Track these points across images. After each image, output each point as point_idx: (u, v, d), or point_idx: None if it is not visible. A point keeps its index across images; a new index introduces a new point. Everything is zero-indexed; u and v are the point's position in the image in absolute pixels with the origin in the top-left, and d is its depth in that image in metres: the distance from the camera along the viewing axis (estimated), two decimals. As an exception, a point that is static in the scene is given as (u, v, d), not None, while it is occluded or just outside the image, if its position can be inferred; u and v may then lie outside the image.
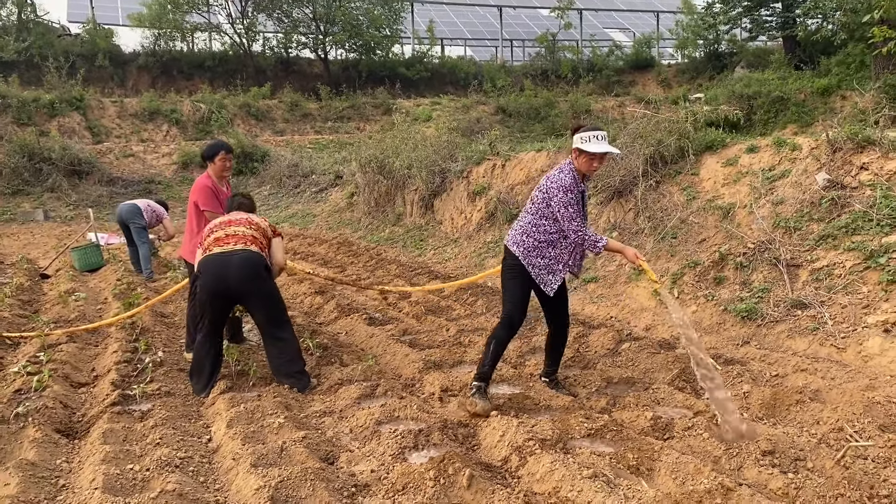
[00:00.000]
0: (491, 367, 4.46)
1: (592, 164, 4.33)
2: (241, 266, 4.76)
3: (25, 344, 6.44)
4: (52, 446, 4.03)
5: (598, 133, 4.28)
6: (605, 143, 4.27)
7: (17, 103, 20.56)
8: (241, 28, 27.80)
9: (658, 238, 6.92)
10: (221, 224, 5.06)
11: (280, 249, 5.22)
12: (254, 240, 4.95)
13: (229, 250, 4.81)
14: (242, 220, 5.10)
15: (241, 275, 4.76)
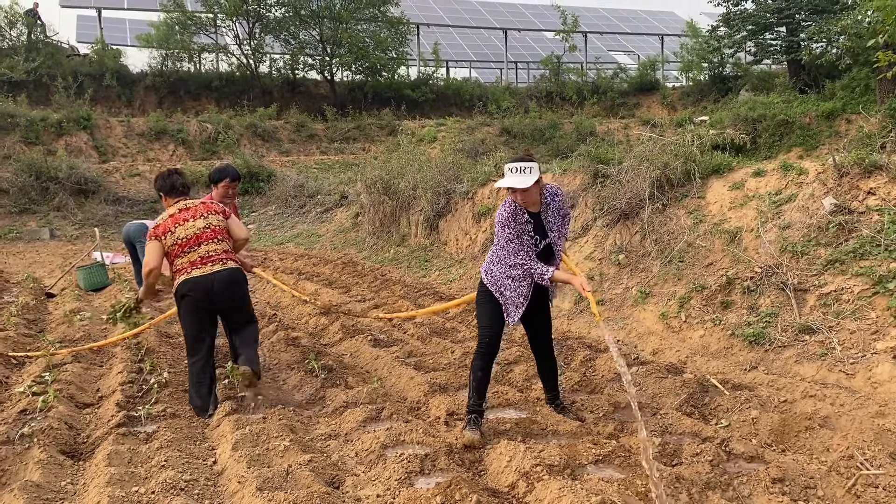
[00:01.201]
0: (476, 398, 4.41)
1: (516, 196, 4.24)
2: (222, 284, 5.04)
3: (31, 363, 6.43)
4: (57, 468, 4.01)
5: (513, 165, 4.20)
6: (515, 177, 4.16)
7: (24, 122, 20.69)
8: (249, 49, 28.02)
9: (665, 261, 6.91)
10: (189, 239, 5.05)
11: (238, 227, 5.43)
12: (226, 254, 5.16)
13: (208, 272, 5.02)
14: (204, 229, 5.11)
15: (226, 293, 5.08)
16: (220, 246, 5.14)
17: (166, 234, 5.07)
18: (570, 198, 9.08)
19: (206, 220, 5.16)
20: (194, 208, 5.21)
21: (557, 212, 4.43)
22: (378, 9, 29.00)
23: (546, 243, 4.37)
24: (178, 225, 5.09)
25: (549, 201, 4.38)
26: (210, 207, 5.29)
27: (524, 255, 4.30)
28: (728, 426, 4.40)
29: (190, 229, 5.09)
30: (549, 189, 4.43)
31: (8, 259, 14.34)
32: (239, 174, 6.27)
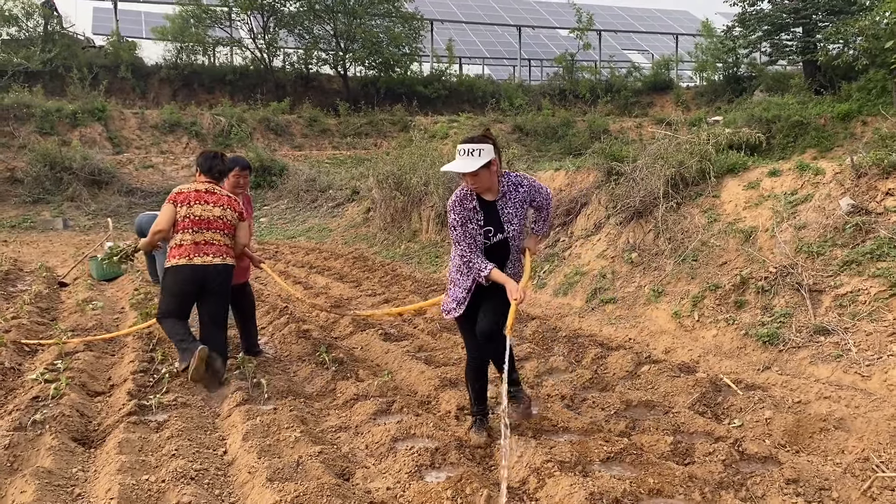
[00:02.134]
0: (478, 404, 4.27)
1: (466, 180, 3.87)
2: (217, 276, 5.30)
3: (43, 351, 6.46)
4: (69, 454, 4.02)
5: (462, 147, 3.81)
6: (462, 159, 3.78)
7: (40, 113, 20.85)
8: (263, 43, 28.08)
9: (679, 260, 6.87)
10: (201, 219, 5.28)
11: (245, 232, 5.61)
12: (227, 248, 5.41)
13: (208, 262, 5.26)
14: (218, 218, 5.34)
15: (215, 284, 5.31)
16: (225, 240, 5.40)
17: (184, 204, 5.30)
18: (582, 195, 9.05)
19: (223, 211, 5.42)
20: (219, 196, 5.46)
21: (520, 204, 4.00)
22: (392, 4, 29.04)
23: (501, 238, 3.98)
24: (197, 202, 5.33)
25: (506, 190, 3.96)
26: (232, 203, 5.53)
27: (465, 246, 3.91)
28: (741, 426, 4.36)
29: (207, 212, 5.33)
30: (512, 177, 4.03)
31: (22, 248, 14.44)
32: (249, 164, 6.26)
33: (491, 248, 3.98)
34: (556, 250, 8.76)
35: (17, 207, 17.49)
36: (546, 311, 7.59)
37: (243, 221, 5.59)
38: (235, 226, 5.51)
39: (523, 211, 4.03)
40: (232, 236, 5.48)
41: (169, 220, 5.25)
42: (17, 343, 6.50)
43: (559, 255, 8.59)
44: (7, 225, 16.65)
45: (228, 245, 5.43)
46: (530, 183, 4.08)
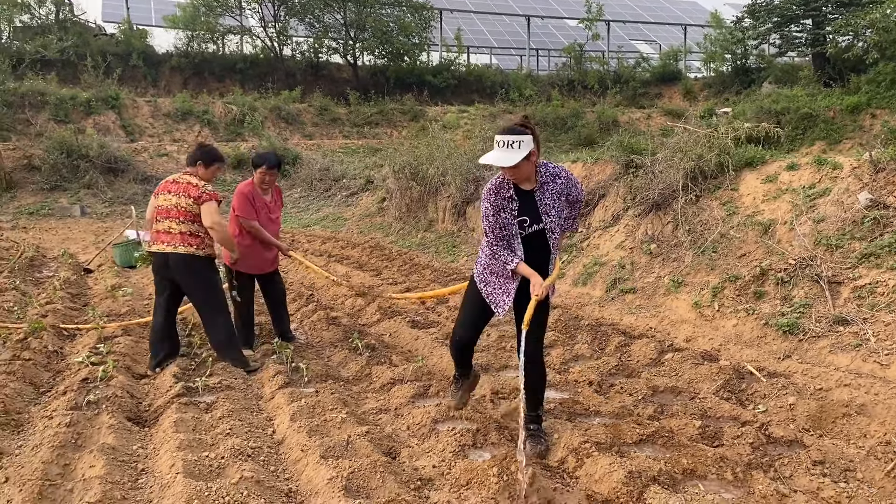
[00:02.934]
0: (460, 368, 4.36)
1: (505, 170, 3.79)
2: (175, 266, 5.47)
3: (81, 336, 6.68)
4: (126, 433, 4.23)
5: (500, 138, 3.71)
6: (501, 151, 3.69)
7: (55, 101, 21.02)
8: (273, 32, 28.18)
9: (698, 251, 7.04)
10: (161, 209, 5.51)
11: (207, 214, 5.41)
12: (182, 237, 5.44)
13: (163, 251, 5.47)
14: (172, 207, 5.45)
15: (178, 273, 5.49)
16: (181, 227, 5.44)
17: (156, 195, 5.64)
18: (600, 187, 9.22)
19: (178, 199, 5.46)
20: (179, 184, 5.51)
21: (558, 195, 3.89)
22: (402, -7, 29.11)
23: (538, 228, 3.87)
24: (163, 192, 5.57)
25: (544, 180, 3.87)
26: (187, 188, 5.45)
27: (494, 238, 3.85)
28: (766, 411, 4.55)
29: (166, 201, 5.50)
30: (550, 168, 3.93)
31: (42, 235, 14.66)
32: (278, 161, 6.34)
33: (527, 238, 3.89)
34: (574, 241, 8.93)
35: (34, 194, 17.70)
36: (566, 301, 7.77)
37: (202, 205, 5.42)
38: (194, 212, 5.43)
39: (560, 203, 3.92)
40: (191, 222, 5.44)
41: (151, 211, 5.67)
42: (57, 328, 6.72)
43: (577, 246, 8.77)
44: (26, 212, 16.87)
45: (186, 233, 5.44)
46: (567, 175, 3.98)
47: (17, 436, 4.33)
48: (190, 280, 5.52)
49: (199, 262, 5.51)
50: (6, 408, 4.61)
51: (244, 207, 6.04)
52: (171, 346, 5.70)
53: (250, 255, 6.08)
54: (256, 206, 6.08)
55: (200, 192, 5.46)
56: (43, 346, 6.05)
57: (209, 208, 5.44)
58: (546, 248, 3.95)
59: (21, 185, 17.93)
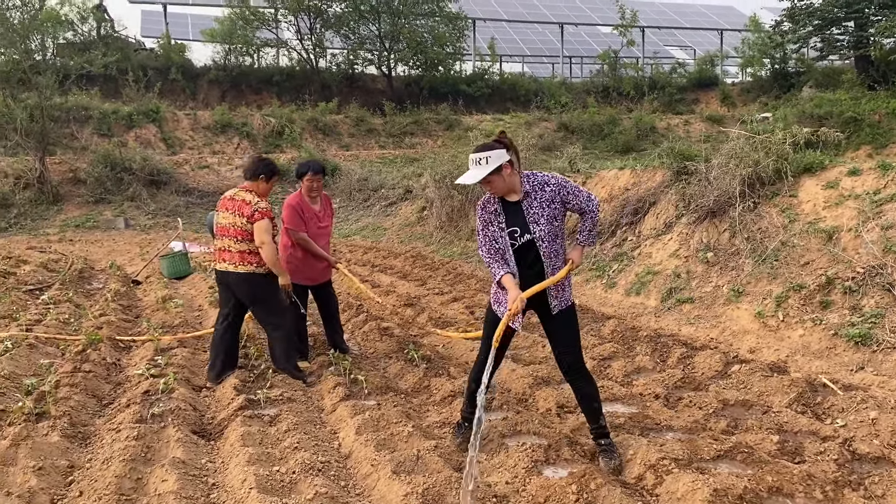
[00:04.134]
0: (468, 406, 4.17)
1: (483, 186, 3.85)
2: (236, 284, 5.53)
3: (137, 347, 6.72)
4: (193, 446, 4.21)
5: (472, 156, 3.80)
6: (472, 169, 3.79)
7: (98, 115, 21.44)
8: (309, 44, 28.44)
9: (758, 260, 6.86)
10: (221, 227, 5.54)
11: (259, 234, 5.39)
12: (241, 255, 5.45)
13: (224, 269, 5.52)
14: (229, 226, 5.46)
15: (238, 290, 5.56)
16: (238, 246, 5.45)
17: (217, 212, 5.64)
18: (650, 194, 9.07)
19: (234, 218, 5.47)
20: (234, 202, 5.50)
21: (547, 203, 3.84)
22: (436, 4, 29.16)
23: (529, 238, 3.84)
24: (222, 210, 5.59)
25: (529, 189, 3.85)
26: (241, 207, 5.44)
27: (486, 250, 3.91)
28: (845, 426, 4.37)
29: (223, 219, 5.55)
30: (538, 177, 3.91)
31: (88, 247, 14.89)
32: (322, 167, 6.32)
33: (519, 250, 3.87)
34: (624, 249, 8.80)
35: (80, 207, 18.02)
36: (619, 311, 7.63)
37: (254, 224, 5.40)
38: (248, 230, 5.41)
39: (551, 210, 3.84)
40: (248, 241, 5.43)
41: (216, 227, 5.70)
42: (113, 339, 6.77)
43: (628, 255, 8.63)
44: (72, 224, 17.17)
45: (244, 251, 5.44)
46: (559, 182, 3.90)
47: (86, 448, 4.34)
48: (250, 297, 5.57)
49: (258, 279, 5.51)
50: (72, 420, 4.63)
51: (293, 219, 6.01)
52: (231, 359, 5.70)
53: (303, 267, 6.06)
54: (306, 216, 6.06)
55: (252, 210, 5.44)
56: (101, 358, 6.09)
57: (261, 227, 5.44)
58: (539, 258, 3.88)
59: (67, 198, 18.27)
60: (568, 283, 4.02)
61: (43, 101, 18.09)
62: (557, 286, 3.93)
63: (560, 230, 3.93)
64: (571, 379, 4.02)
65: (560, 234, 3.93)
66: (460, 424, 4.31)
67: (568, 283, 4.02)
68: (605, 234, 9.26)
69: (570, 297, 4.02)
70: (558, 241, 3.92)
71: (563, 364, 4.01)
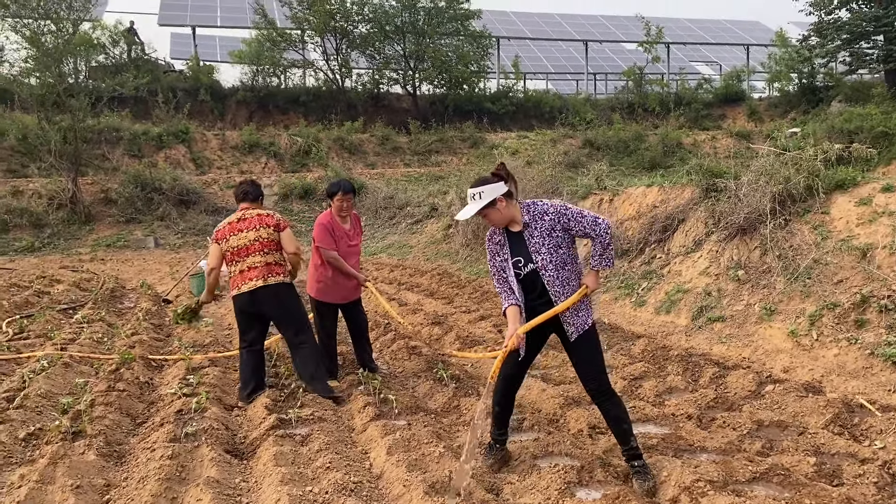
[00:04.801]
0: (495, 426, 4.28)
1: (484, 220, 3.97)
2: (266, 298, 5.51)
3: (169, 366, 6.79)
4: (227, 465, 4.24)
5: (468, 191, 3.90)
6: (468, 205, 3.90)
7: (128, 136, 21.84)
8: (336, 65, 28.78)
9: (791, 278, 6.78)
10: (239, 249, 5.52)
11: (288, 240, 5.63)
12: (269, 268, 5.52)
13: (253, 287, 5.49)
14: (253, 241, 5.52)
15: (269, 305, 5.55)
16: (265, 259, 5.52)
17: (222, 240, 5.60)
18: (678, 211, 9.01)
19: (256, 233, 5.54)
20: (250, 219, 5.59)
21: (547, 233, 3.88)
22: (461, 23, 29.37)
23: (532, 268, 3.89)
24: (233, 234, 5.57)
25: (529, 220, 3.90)
26: (263, 220, 5.59)
27: (496, 281, 4.04)
28: (884, 448, 4.29)
29: (241, 240, 5.53)
30: (538, 206, 3.94)
31: (119, 266, 15.11)
32: (352, 187, 6.41)
33: (524, 279, 3.94)
34: (653, 267, 8.74)
35: (111, 227, 18.32)
36: (649, 330, 7.57)
37: (283, 231, 5.62)
38: (276, 239, 5.58)
39: (553, 240, 3.88)
40: (275, 251, 5.57)
41: (217, 258, 5.63)
42: (145, 358, 6.85)
43: (657, 273, 8.56)
44: (103, 244, 17.46)
45: (272, 262, 5.54)
46: (557, 210, 3.90)
47: (121, 467, 4.39)
48: (281, 310, 5.61)
49: (289, 290, 5.65)
50: (108, 439, 4.69)
51: (324, 238, 6.08)
52: (260, 379, 5.75)
53: (333, 286, 6.11)
54: (336, 235, 6.12)
55: (277, 219, 5.64)
56: (135, 377, 6.18)
57: (290, 233, 5.66)
58: (544, 287, 3.93)
59: (98, 218, 18.58)
60: (585, 307, 4.02)
61: (76, 123, 18.46)
62: (571, 311, 3.94)
63: (569, 256, 3.95)
64: (598, 402, 4.02)
65: (570, 260, 3.95)
66: (492, 445, 4.32)
67: (584, 306, 4.02)
68: (634, 252, 9.22)
69: (587, 321, 4.01)
70: (567, 267, 3.93)
71: (588, 388, 4.03)
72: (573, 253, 3.99)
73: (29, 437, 4.74)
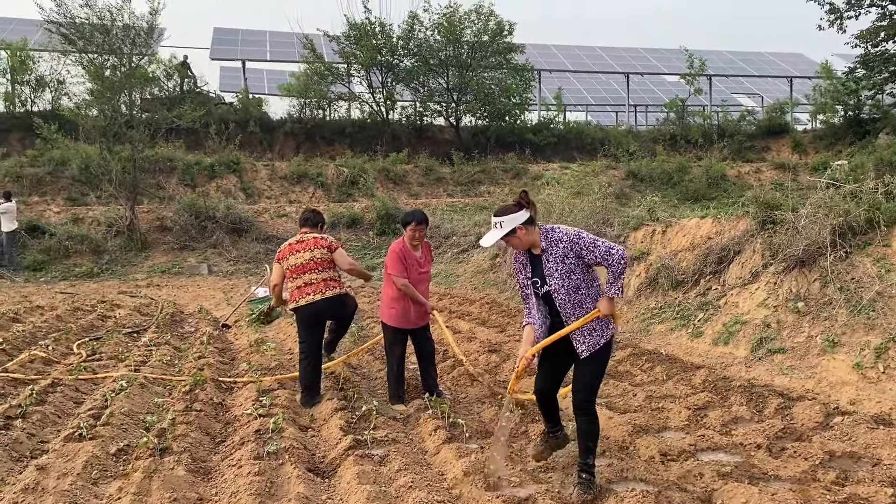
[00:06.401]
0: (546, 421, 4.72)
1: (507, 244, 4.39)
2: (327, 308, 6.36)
3: (239, 389, 7.02)
4: (311, 483, 4.41)
5: (492, 219, 4.29)
6: (491, 232, 4.26)
7: (182, 166, 22.54)
8: (381, 98, 29.37)
9: (854, 310, 6.78)
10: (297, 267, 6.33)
11: (341, 258, 6.45)
12: (326, 283, 6.31)
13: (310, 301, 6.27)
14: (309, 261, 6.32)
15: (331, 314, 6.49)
16: (321, 276, 6.31)
17: (283, 259, 6.44)
18: (734, 243, 9.04)
19: (311, 253, 6.35)
20: (306, 242, 6.42)
21: (561, 259, 4.18)
22: (503, 56, 29.80)
23: (546, 290, 4.24)
24: (292, 254, 6.40)
25: (546, 246, 4.23)
26: (318, 242, 6.40)
27: (522, 297, 4.47)
28: (962, 481, 4.29)
29: (299, 259, 6.34)
30: (555, 233, 4.24)
31: (174, 292, 15.55)
32: (425, 217, 6.62)
33: (544, 298, 4.31)
34: (709, 298, 8.77)
35: (166, 254, 18.87)
36: (707, 360, 7.59)
37: (335, 252, 6.39)
38: (329, 259, 6.34)
39: (566, 266, 4.19)
40: (329, 269, 6.35)
41: (279, 275, 6.53)
42: (216, 380, 7.10)
43: (713, 304, 8.59)
44: (158, 270, 17.98)
45: (328, 279, 6.32)
46: (570, 239, 4.20)
47: (208, 482, 4.59)
48: (343, 315, 6.55)
49: (347, 299, 6.54)
50: (193, 456, 4.90)
51: (395, 265, 6.29)
52: (318, 387, 6.47)
53: (405, 312, 6.30)
54: (407, 262, 6.33)
55: (329, 242, 6.46)
56: (209, 398, 6.41)
57: (341, 252, 6.49)
58: (556, 308, 4.28)
59: (154, 245, 19.16)
60: (601, 327, 4.28)
61: (136, 154, 19.15)
62: (583, 332, 4.24)
63: (584, 281, 4.24)
64: (576, 415, 4.35)
65: (585, 284, 4.24)
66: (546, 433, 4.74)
67: (601, 326, 4.27)
68: (689, 283, 9.26)
69: (600, 342, 4.29)
70: (581, 291, 4.23)
71: (574, 399, 4.37)
72: (589, 277, 4.28)
73: (119, 453, 4.98)
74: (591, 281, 4.29)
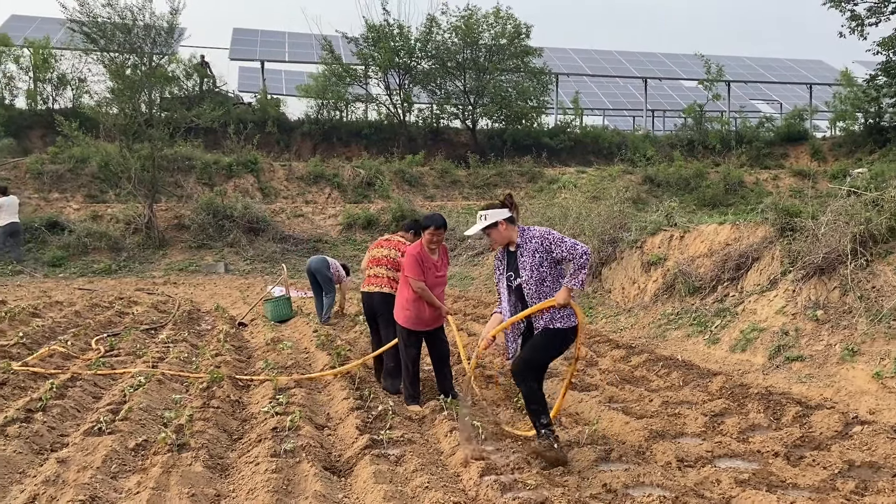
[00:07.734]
0: None
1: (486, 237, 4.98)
2: (377, 303, 7.08)
3: (255, 387, 7.06)
4: (328, 481, 4.43)
5: (478, 213, 4.92)
6: (477, 224, 4.91)
7: (200, 165, 22.68)
8: (399, 100, 29.43)
9: (873, 319, 6.72)
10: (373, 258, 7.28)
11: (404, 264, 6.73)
12: (388, 280, 7.05)
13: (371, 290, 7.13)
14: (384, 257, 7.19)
15: (378, 307, 7.10)
16: (388, 273, 7.08)
17: (370, 249, 7.49)
18: (752, 249, 8.99)
19: (388, 252, 7.23)
20: (392, 241, 7.38)
21: (532, 254, 4.78)
22: (521, 60, 29.78)
23: (519, 282, 4.84)
24: (377, 247, 7.40)
25: (521, 242, 4.83)
26: (398, 245, 7.22)
27: (497, 289, 5.07)
28: (984, 493, 4.24)
29: (378, 253, 7.29)
30: (530, 231, 4.85)
31: (191, 290, 15.66)
32: (444, 222, 6.64)
33: (517, 290, 4.89)
34: (726, 305, 8.72)
35: (183, 252, 19.01)
36: (724, 367, 7.56)
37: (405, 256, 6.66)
38: (397, 260, 6.99)
39: (536, 259, 4.78)
40: (396, 270, 6.96)
41: (365, 262, 7.49)
42: (233, 378, 7.14)
43: (731, 311, 8.54)
44: (175, 268, 18.12)
45: (391, 278, 7.02)
46: (542, 236, 4.82)
47: (226, 479, 4.62)
48: (386, 313, 6.85)
49: (390, 301, 6.84)
50: (210, 452, 4.93)
51: (413, 268, 6.31)
52: None
53: (419, 314, 6.32)
54: (425, 266, 6.35)
55: (406, 247, 6.94)
56: (226, 395, 6.45)
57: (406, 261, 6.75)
58: (525, 299, 4.86)
59: (171, 243, 19.31)
60: (561, 316, 4.79)
61: (155, 152, 19.31)
62: (540, 314, 4.78)
63: (549, 275, 4.80)
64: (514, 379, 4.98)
65: (551, 278, 4.81)
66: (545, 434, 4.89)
67: (561, 315, 4.79)
68: (706, 290, 9.22)
69: (553, 324, 4.79)
70: (546, 284, 4.79)
71: (511, 365, 5.00)
72: (555, 273, 4.84)
73: (137, 448, 5.02)
74: (558, 276, 4.84)
